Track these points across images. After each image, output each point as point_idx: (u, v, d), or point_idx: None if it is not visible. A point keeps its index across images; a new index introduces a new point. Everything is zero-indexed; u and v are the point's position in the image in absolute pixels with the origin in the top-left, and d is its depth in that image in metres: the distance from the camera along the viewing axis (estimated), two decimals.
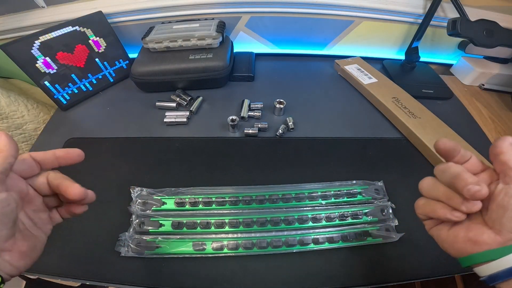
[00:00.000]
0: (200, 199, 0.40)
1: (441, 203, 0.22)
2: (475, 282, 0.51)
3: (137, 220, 0.37)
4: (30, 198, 0.23)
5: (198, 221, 0.38)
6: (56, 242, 0.34)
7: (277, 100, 0.53)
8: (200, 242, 0.36)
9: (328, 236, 0.37)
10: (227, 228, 0.38)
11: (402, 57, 0.66)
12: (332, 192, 0.41)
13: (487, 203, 0.21)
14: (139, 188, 0.40)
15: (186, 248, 0.36)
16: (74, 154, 0.25)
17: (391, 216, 0.39)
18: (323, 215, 0.39)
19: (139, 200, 0.39)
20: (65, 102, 0.55)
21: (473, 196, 0.19)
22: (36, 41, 0.48)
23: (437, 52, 0.70)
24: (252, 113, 0.53)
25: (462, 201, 0.20)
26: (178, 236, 0.37)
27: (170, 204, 0.39)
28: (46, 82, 0.51)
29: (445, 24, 0.53)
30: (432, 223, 0.24)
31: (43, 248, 0.23)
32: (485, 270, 0.20)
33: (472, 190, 0.19)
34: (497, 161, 0.21)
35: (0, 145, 0.20)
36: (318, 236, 0.37)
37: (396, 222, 0.38)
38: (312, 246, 0.36)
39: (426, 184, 0.23)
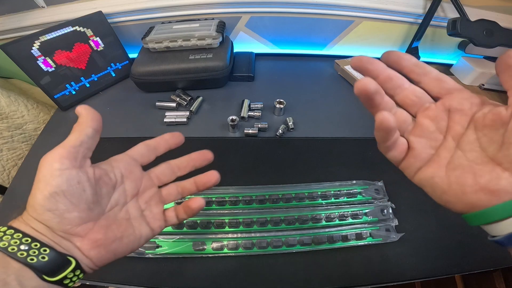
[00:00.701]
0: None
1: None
2: (475, 282, 0.51)
3: None
4: (144, 186, 0.23)
5: (198, 221, 0.38)
6: None
7: (277, 100, 0.53)
8: (200, 242, 0.36)
9: (328, 236, 0.37)
10: (227, 228, 0.38)
11: None
12: (332, 192, 0.41)
13: (494, 135, 0.16)
14: None
15: (186, 248, 0.36)
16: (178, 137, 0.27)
17: (391, 216, 0.39)
18: (323, 215, 0.39)
19: None
20: (65, 102, 0.55)
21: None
22: (36, 41, 0.48)
23: (437, 52, 0.70)
24: (252, 113, 0.53)
25: None
26: (178, 236, 0.37)
27: (170, 204, 0.39)
28: (46, 82, 0.51)
29: (445, 24, 0.53)
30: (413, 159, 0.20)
31: (139, 246, 0.22)
32: (502, 227, 0.15)
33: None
34: (508, 75, 0.16)
35: (79, 118, 0.20)
36: (318, 236, 0.37)
37: (396, 222, 0.38)
38: (312, 246, 0.36)
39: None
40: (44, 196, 0.18)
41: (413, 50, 0.62)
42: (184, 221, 0.37)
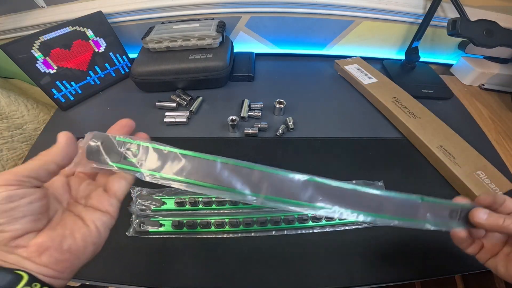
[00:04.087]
0: (200, 199, 0.40)
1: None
2: (475, 282, 0.51)
3: (137, 220, 0.37)
4: (74, 188, 0.23)
5: (198, 220, 0.38)
6: None
7: (277, 100, 0.53)
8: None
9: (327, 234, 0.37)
10: (227, 228, 0.38)
11: (402, 57, 0.66)
12: None
13: None
14: (139, 188, 0.40)
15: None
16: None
17: None
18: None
19: (139, 200, 0.39)
20: (65, 102, 0.55)
21: None
22: (36, 41, 0.48)
23: (437, 52, 0.70)
24: (252, 113, 0.53)
25: None
26: (180, 236, 0.37)
27: (170, 204, 0.39)
28: (46, 82, 0.51)
29: (445, 24, 0.53)
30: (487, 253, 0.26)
31: (100, 236, 0.21)
32: None
33: None
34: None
35: (54, 146, 0.20)
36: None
37: (396, 222, 0.38)
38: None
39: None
40: None
41: (413, 50, 0.62)
42: (184, 221, 0.37)
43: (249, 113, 0.53)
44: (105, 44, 0.57)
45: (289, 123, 0.51)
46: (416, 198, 0.25)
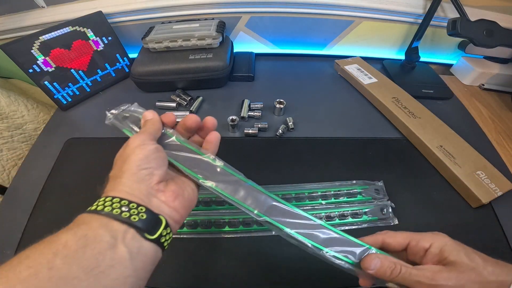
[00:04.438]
0: (200, 199, 0.40)
1: None
2: None
3: None
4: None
5: (198, 220, 0.38)
6: None
7: (277, 100, 0.53)
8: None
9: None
10: (227, 228, 0.38)
11: (402, 57, 0.66)
12: (332, 192, 0.41)
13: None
14: None
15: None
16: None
17: (391, 215, 0.39)
18: (323, 214, 0.39)
19: None
20: (65, 102, 0.55)
21: None
22: (36, 41, 0.48)
23: (437, 52, 0.70)
24: (252, 113, 0.53)
25: None
26: (180, 236, 0.37)
27: None
28: (46, 82, 0.51)
29: (445, 24, 0.53)
30: None
31: (195, 197, 0.25)
32: None
33: None
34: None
35: (153, 120, 0.26)
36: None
37: (396, 222, 0.38)
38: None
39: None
40: (140, 158, 0.22)
41: (413, 50, 0.62)
42: (184, 221, 0.37)
43: (249, 113, 0.53)
44: (105, 44, 0.57)
45: (289, 123, 0.51)
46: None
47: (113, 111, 0.28)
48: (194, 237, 0.37)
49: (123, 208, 0.19)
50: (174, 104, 0.55)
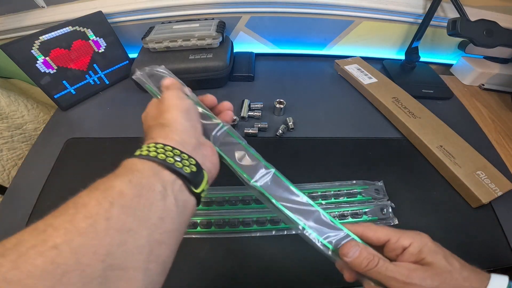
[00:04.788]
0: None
1: None
2: None
3: None
4: None
5: (198, 220, 0.38)
6: None
7: (277, 100, 0.53)
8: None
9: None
10: (227, 228, 0.38)
11: (402, 57, 0.66)
12: (332, 192, 0.41)
13: None
14: None
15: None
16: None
17: (390, 215, 0.39)
18: None
19: None
20: (65, 102, 0.55)
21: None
22: (36, 41, 0.48)
23: (437, 52, 0.70)
24: (252, 113, 0.53)
25: None
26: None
27: None
28: (46, 82, 0.51)
29: (445, 24, 0.53)
30: None
31: (218, 165, 0.24)
32: None
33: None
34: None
35: (171, 85, 0.26)
36: None
37: (396, 221, 0.38)
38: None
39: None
40: (183, 110, 0.22)
41: (413, 50, 0.62)
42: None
43: (249, 113, 0.53)
44: (105, 44, 0.57)
45: (289, 123, 0.51)
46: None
47: (143, 69, 0.29)
48: (194, 237, 0.37)
49: (176, 158, 0.19)
50: None
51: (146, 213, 0.16)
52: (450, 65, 0.71)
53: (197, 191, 0.19)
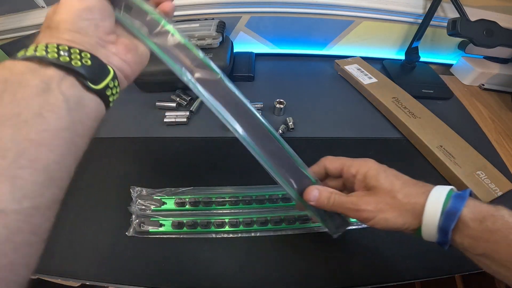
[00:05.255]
0: (200, 199, 0.40)
1: None
2: (475, 282, 0.51)
3: (137, 220, 0.37)
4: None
5: (198, 220, 0.38)
6: (56, 242, 0.35)
7: (277, 100, 0.53)
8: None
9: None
10: (227, 228, 0.38)
11: (402, 57, 0.66)
12: None
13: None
14: (139, 188, 0.40)
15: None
16: None
17: None
18: None
19: (139, 200, 0.39)
20: None
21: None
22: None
23: (437, 52, 0.70)
24: None
25: None
26: (180, 236, 0.37)
27: (170, 204, 0.39)
28: None
29: (445, 24, 0.53)
30: None
31: (148, 54, 0.25)
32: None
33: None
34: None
35: None
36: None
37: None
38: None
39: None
40: (77, 11, 0.19)
41: (413, 50, 0.62)
42: (184, 221, 0.37)
43: None
44: None
45: (289, 123, 0.51)
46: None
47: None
48: (194, 237, 0.37)
49: (62, 53, 0.17)
50: (174, 104, 0.55)
51: (10, 109, 0.14)
52: (450, 65, 0.71)
53: (97, 87, 0.18)
